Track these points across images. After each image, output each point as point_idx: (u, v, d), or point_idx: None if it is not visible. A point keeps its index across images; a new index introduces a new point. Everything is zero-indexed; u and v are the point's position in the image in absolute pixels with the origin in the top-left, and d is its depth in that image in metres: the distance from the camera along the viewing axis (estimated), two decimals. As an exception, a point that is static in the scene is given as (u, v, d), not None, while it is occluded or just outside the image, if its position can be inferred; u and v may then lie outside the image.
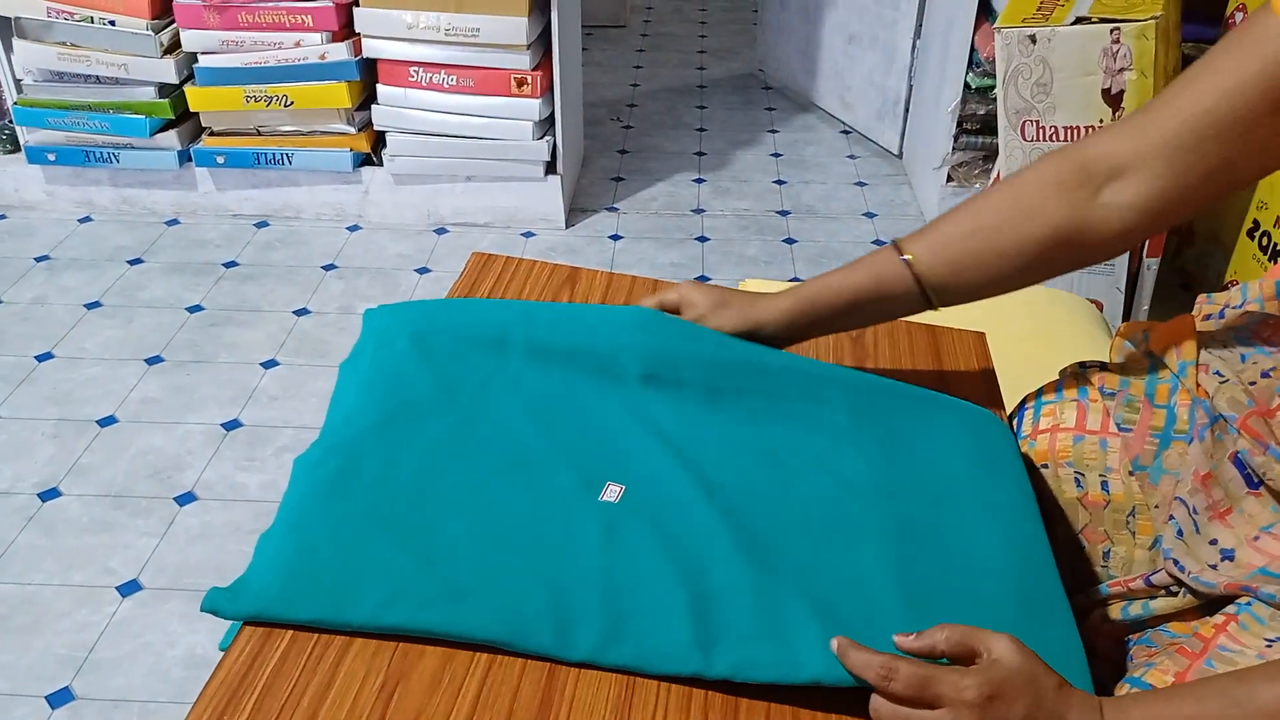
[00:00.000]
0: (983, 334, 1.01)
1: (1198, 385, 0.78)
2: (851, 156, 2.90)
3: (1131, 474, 0.81)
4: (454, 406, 0.77)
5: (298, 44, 2.25)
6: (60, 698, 1.36)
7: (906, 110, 2.77)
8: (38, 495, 1.67)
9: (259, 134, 2.37)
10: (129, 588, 1.51)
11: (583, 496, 0.72)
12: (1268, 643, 0.64)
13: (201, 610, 0.64)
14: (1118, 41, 1.77)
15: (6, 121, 2.45)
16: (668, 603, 0.65)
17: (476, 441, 0.75)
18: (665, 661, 0.63)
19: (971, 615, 0.64)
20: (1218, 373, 0.77)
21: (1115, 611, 0.78)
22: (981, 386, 0.93)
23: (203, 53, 2.27)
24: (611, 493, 0.72)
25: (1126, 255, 1.96)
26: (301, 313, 2.16)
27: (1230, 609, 0.68)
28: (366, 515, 0.69)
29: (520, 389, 0.79)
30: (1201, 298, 0.90)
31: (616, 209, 2.60)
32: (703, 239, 2.47)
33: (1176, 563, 0.72)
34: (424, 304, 0.89)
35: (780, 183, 2.75)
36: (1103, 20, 1.78)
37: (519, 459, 0.74)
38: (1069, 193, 0.75)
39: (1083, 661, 0.65)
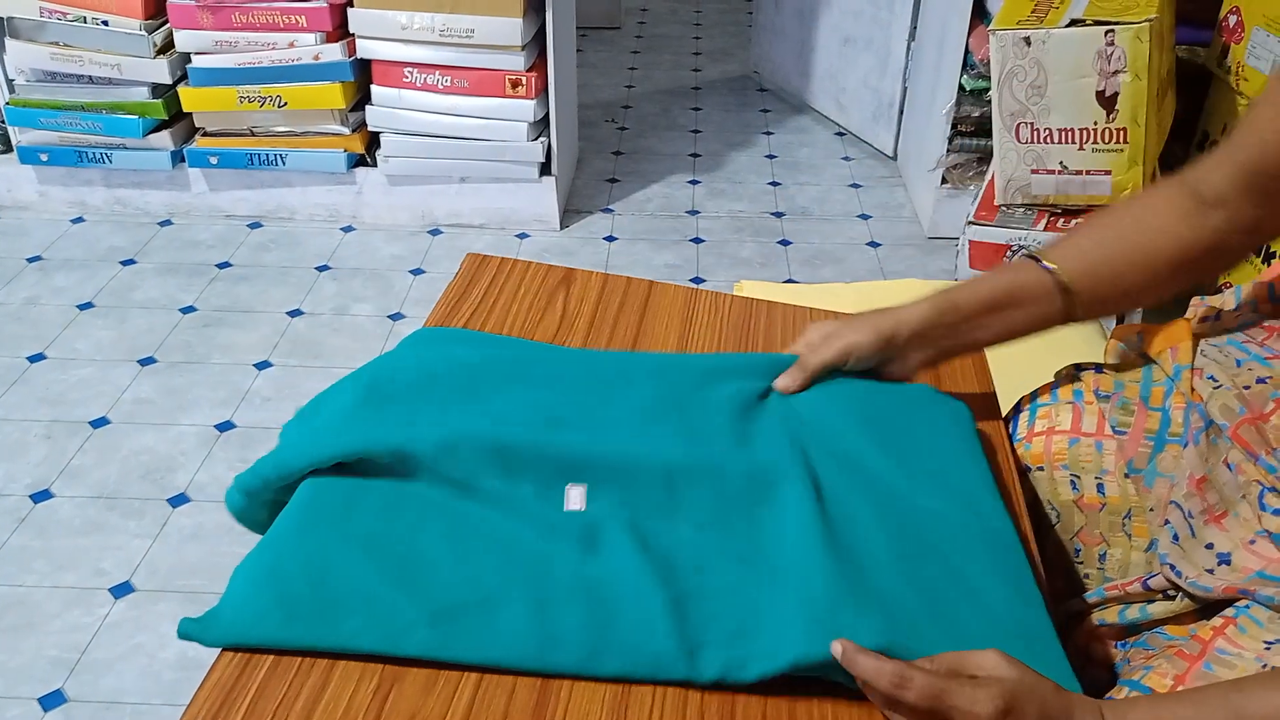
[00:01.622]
0: (978, 336, 1.00)
1: (1192, 390, 0.78)
2: (846, 159, 2.91)
3: (1127, 476, 0.81)
4: (420, 426, 0.76)
5: (291, 44, 2.24)
6: (52, 700, 1.35)
7: (901, 112, 2.78)
8: (29, 496, 1.66)
9: (252, 134, 2.37)
10: (121, 589, 1.51)
11: (551, 506, 0.71)
12: (1266, 645, 0.64)
13: (179, 638, 0.63)
14: (1112, 44, 1.77)
15: (-1, 121, 2.44)
16: (648, 611, 0.64)
17: (445, 460, 0.73)
18: (653, 670, 0.63)
19: (952, 605, 0.64)
20: (1212, 377, 0.77)
21: (1112, 615, 0.78)
22: (977, 388, 0.93)
23: (196, 53, 2.26)
24: (575, 498, 0.72)
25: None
26: (295, 314, 2.16)
27: (1229, 612, 0.68)
28: (340, 539, 0.68)
29: (481, 403, 0.79)
30: (1196, 300, 0.90)
31: (611, 210, 2.60)
32: (697, 240, 2.47)
33: (1173, 568, 0.72)
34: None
35: (775, 185, 2.75)
36: (1097, 23, 1.78)
37: (488, 473, 0.73)
38: (1185, 215, 0.78)
39: (1067, 667, 0.65)
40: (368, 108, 2.35)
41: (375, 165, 2.43)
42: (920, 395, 0.85)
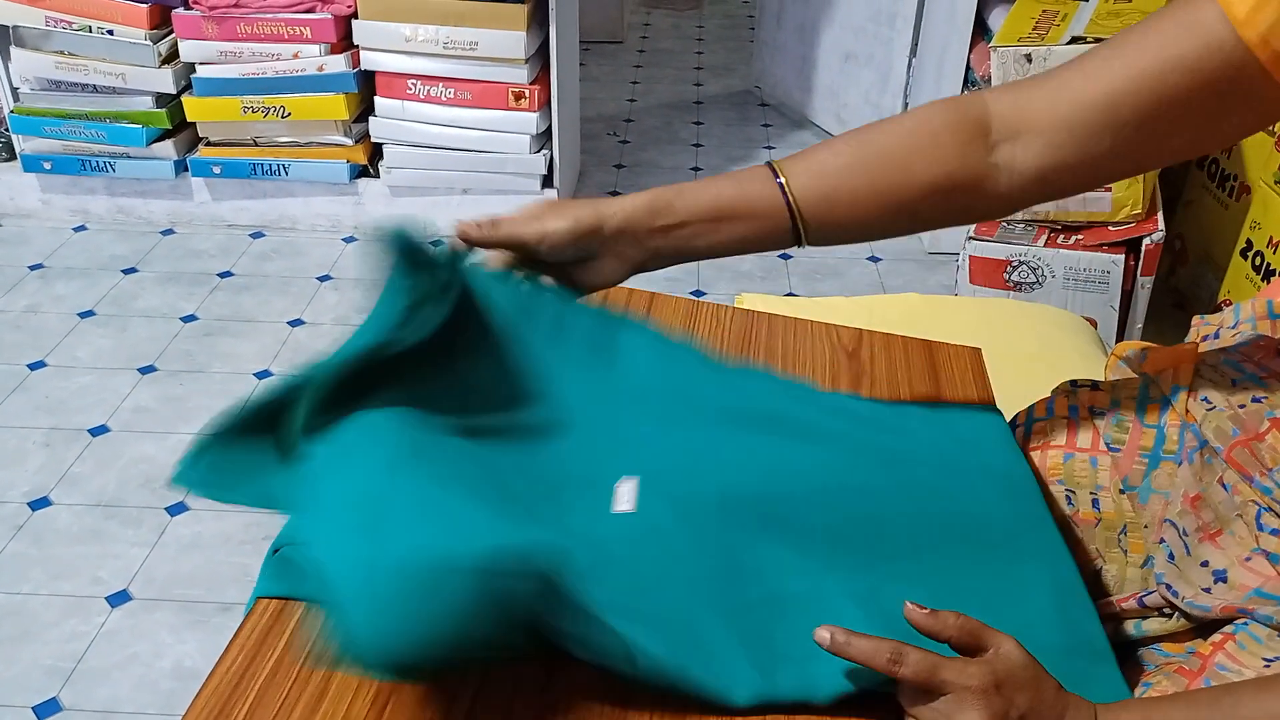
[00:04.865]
0: (978, 349, 1.01)
1: (1187, 411, 0.78)
2: (847, 173, 2.91)
3: (1122, 493, 0.81)
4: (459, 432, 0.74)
5: (296, 55, 2.26)
6: (48, 708, 1.35)
7: (902, 128, 2.78)
8: (28, 504, 1.66)
9: (256, 144, 2.37)
10: (118, 598, 1.51)
11: (599, 505, 0.70)
12: (1266, 662, 0.64)
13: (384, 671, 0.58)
14: (1112, 62, 1.78)
15: (3, 129, 2.44)
16: (724, 632, 0.63)
17: (492, 467, 0.71)
18: (728, 687, 0.61)
19: (1013, 623, 0.63)
20: (1205, 399, 0.77)
21: (1108, 631, 0.78)
22: (977, 402, 0.93)
23: (201, 63, 2.27)
24: (625, 496, 0.70)
25: (1121, 274, 1.97)
26: (296, 323, 2.16)
27: (1227, 628, 0.68)
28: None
29: (526, 413, 0.77)
30: (1197, 319, 0.90)
31: (612, 223, 2.60)
32: (698, 254, 2.47)
33: (1169, 588, 0.73)
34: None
35: (776, 199, 2.75)
36: (1098, 40, 1.79)
37: (533, 476, 0.71)
38: (962, 143, 0.70)
39: (1119, 677, 0.66)
40: (371, 119, 2.36)
41: (378, 176, 2.44)
42: (956, 409, 0.87)
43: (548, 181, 2.43)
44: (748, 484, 0.74)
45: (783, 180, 0.72)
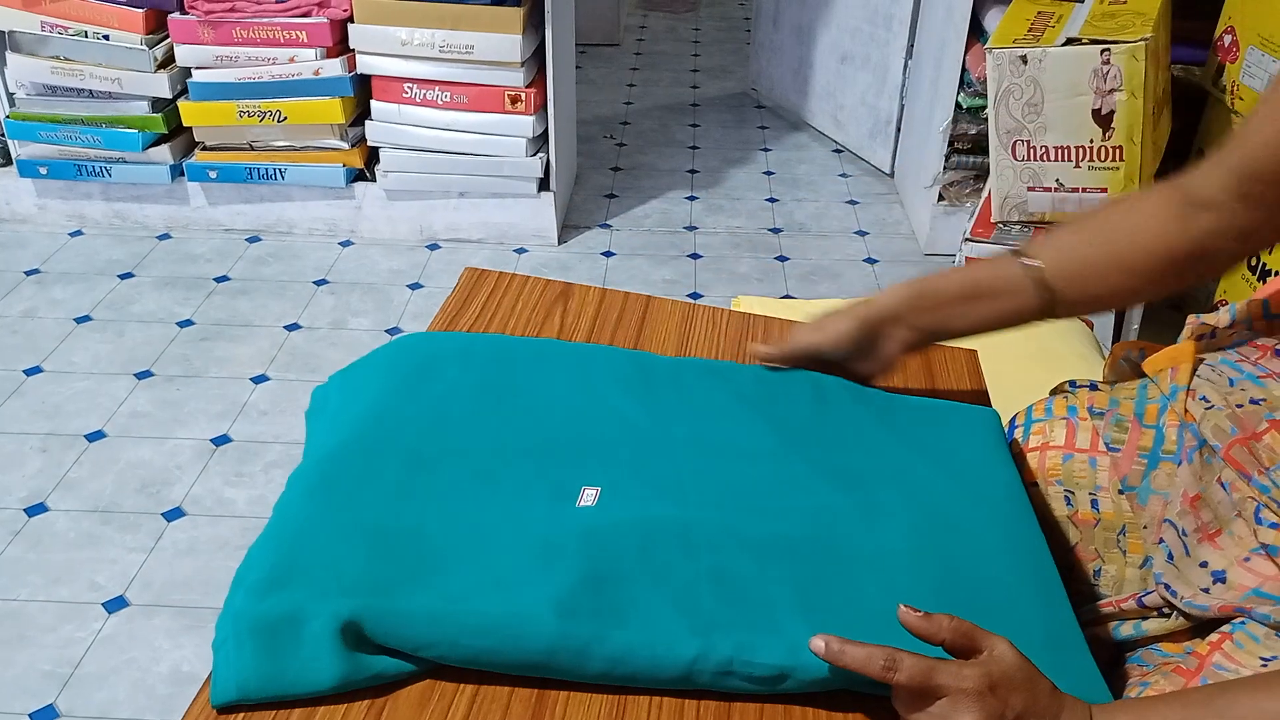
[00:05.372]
0: (974, 351, 1.01)
1: (1185, 411, 0.78)
2: (843, 175, 2.92)
3: (1121, 493, 0.81)
4: (428, 432, 0.77)
5: (292, 60, 2.25)
6: (44, 715, 1.34)
7: (898, 130, 2.79)
8: (24, 510, 1.66)
9: (252, 149, 2.37)
10: (115, 603, 1.50)
11: (560, 504, 0.72)
12: (1263, 662, 0.64)
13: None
14: (1108, 62, 1.79)
15: (-1, 135, 2.44)
16: (659, 595, 0.65)
17: (451, 462, 0.74)
18: (666, 645, 0.62)
19: (982, 615, 0.64)
20: (1204, 398, 0.77)
21: (1106, 631, 0.78)
22: (973, 403, 0.93)
23: (197, 68, 2.27)
24: (588, 497, 0.72)
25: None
26: (292, 328, 2.16)
27: (1225, 628, 0.68)
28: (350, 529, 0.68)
29: (491, 409, 0.80)
30: (1192, 318, 0.90)
31: (609, 226, 2.61)
32: (695, 256, 2.48)
33: (1168, 588, 0.73)
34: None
35: (772, 200, 2.76)
36: (1093, 41, 1.79)
37: (494, 476, 0.74)
38: (1176, 218, 0.79)
39: (1097, 674, 0.65)
40: (367, 123, 2.35)
41: (374, 180, 2.43)
42: (946, 407, 0.87)
43: (544, 185, 2.43)
44: (709, 483, 0.75)
45: (1029, 260, 0.81)
